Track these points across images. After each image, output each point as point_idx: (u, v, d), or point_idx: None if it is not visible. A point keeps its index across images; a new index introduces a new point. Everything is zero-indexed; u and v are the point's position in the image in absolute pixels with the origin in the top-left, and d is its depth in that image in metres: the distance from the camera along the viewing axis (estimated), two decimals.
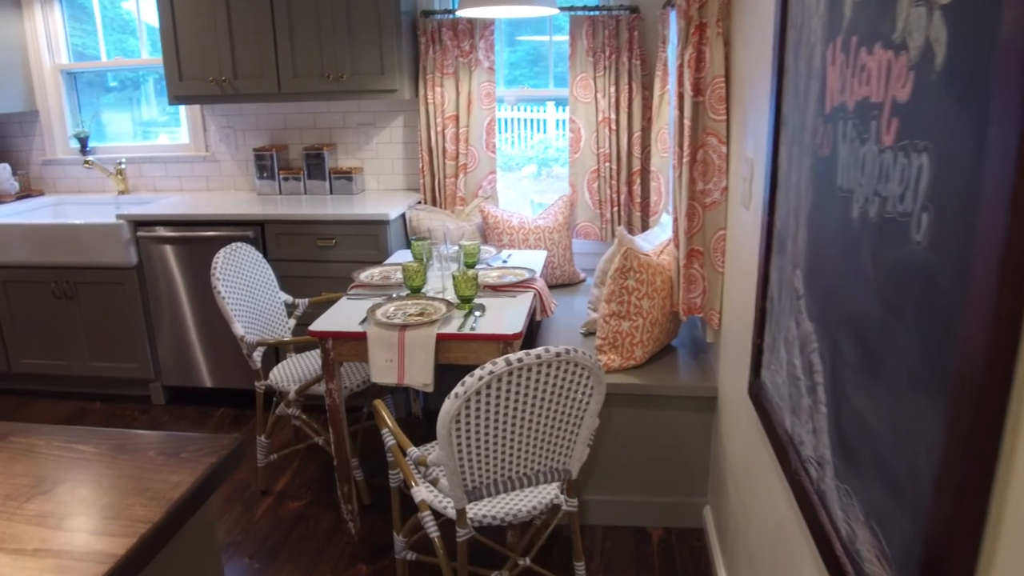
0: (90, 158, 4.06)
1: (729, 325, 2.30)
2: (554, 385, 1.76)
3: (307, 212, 3.42)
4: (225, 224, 3.52)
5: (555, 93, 3.90)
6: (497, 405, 1.71)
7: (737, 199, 2.17)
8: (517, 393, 1.72)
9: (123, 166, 4.15)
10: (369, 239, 3.40)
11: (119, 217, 3.59)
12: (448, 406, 1.67)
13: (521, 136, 5.03)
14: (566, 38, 3.55)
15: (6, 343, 3.95)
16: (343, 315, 2.48)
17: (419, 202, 3.78)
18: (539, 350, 1.69)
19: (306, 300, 3.15)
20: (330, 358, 2.42)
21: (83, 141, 4.23)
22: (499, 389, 1.69)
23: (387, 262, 3.12)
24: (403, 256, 3.24)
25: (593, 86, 3.49)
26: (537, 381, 1.73)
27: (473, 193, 3.74)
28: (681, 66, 2.45)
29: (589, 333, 2.94)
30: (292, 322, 3.15)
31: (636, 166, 3.52)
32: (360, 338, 2.33)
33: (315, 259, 3.47)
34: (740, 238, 2.12)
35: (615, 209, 3.59)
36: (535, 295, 2.63)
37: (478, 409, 1.70)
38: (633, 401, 2.56)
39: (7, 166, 4.12)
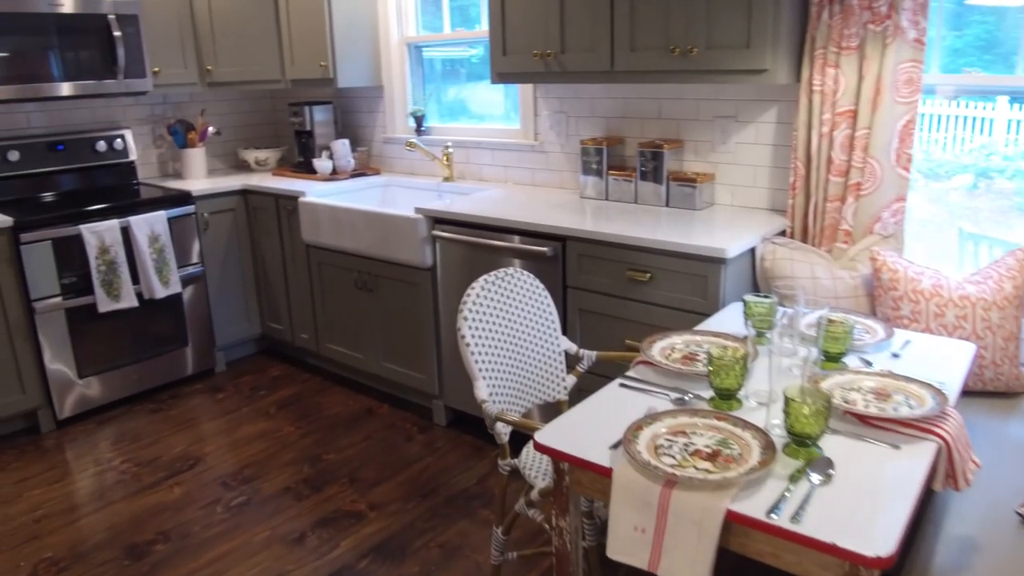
0: (414, 139, 3.69)
1: None
2: None
3: (616, 231, 2.57)
4: (523, 233, 2.83)
5: (1018, 82, 2.47)
6: None
7: None
8: None
9: (450, 150, 3.72)
10: (695, 281, 2.43)
11: (417, 211, 3.13)
12: None
13: (956, 138, 3.54)
14: None
15: (317, 325, 3.82)
16: (598, 420, 1.59)
17: (782, 232, 2.68)
18: None
19: (593, 353, 2.32)
20: (564, 485, 1.56)
21: (419, 120, 3.89)
22: None
23: (702, 326, 2.13)
24: (734, 315, 2.22)
25: None
26: None
27: (866, 228, 2.53)
28: None
29: None
30: (571, 380, 2.34)
31: None
32: (606, 475, 1.43)
33: (623, 295, 2.61)
34: None
35: None
36: (939, 450, 1.45)
37: None
38: None
39: (346, 142, 3.96)
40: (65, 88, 3.41)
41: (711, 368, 1.62)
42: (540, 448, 1.50)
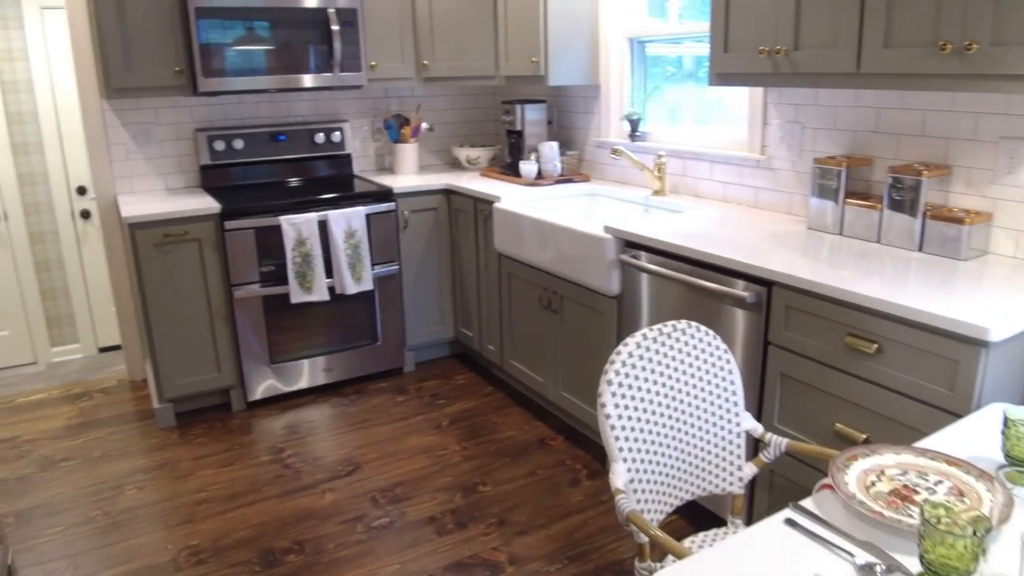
0: (620, 146, 3.28)
1: None
2: None
3: (836, 281, 1.98)
4: (720, 270, 2.33)
5: None
6: None
7: None
8: None
9: (663, 160, 3.26)
10: (941, 364, 1.79)
11: (607, 231, 2.73)
12: None
13: None
14: None
15: (503, 338, 3.57)
16: (738, 574, 1.12)
17: None
18: None
19: (783, 442, 1.79)
20: None
21: (634, 124, 3.48)
22: None
23: (938, 438, 1.51)
24: (990, 427, 1.57)
25: None
26: None
27: None
28: None
29: None
30: (749, 470, 1.84)
31: None
32: None
33: (839, 366, 2.02)
34: None
35: None
36: None
37: None
38: None
39: (555, 145, 3.66)
40: (286, 81, 3.47)
41: (923, 530, 1.07)
42: None
